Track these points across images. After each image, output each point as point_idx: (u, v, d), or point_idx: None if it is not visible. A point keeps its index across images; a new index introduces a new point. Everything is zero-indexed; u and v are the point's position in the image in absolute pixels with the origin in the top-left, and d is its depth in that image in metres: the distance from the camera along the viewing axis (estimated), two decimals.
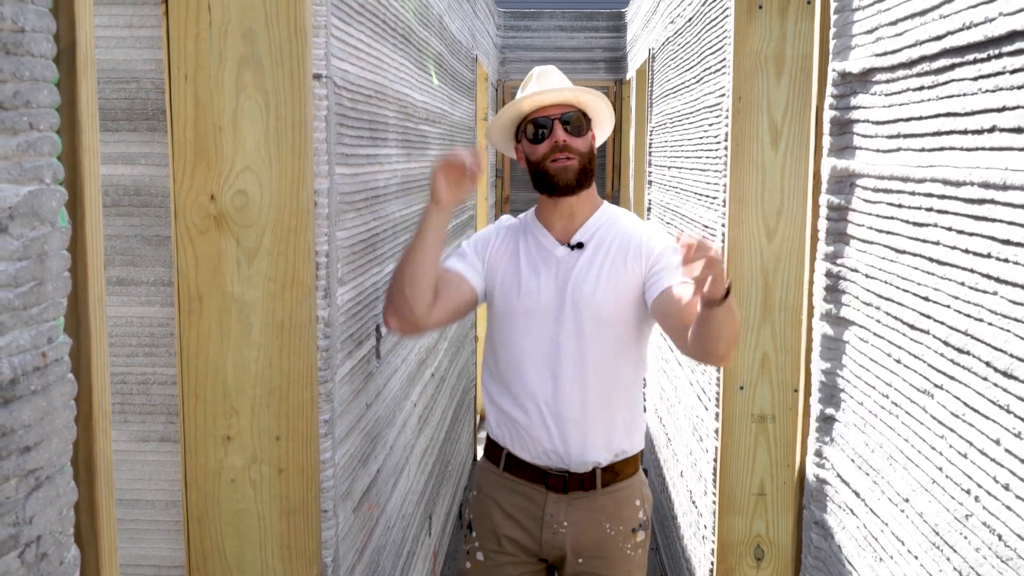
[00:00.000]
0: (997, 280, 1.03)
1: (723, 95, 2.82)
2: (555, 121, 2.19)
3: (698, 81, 3.36)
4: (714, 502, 2.87)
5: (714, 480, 2.88)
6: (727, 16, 2.74)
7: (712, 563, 2.91)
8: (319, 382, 1.82)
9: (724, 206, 2.74)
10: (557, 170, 2.19)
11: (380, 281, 2.46)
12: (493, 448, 2.32)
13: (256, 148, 1.73)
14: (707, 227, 3.10)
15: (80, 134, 0.85)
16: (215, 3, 1.70)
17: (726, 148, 2.72)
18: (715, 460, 2.86)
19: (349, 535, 2.13)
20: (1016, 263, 0.99)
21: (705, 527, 3.09)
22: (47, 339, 0.80)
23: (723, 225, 2.76)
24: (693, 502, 3.40)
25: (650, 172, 5.03)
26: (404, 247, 2.22)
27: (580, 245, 2.22)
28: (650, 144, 5.04)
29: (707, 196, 3.12)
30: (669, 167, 4.22)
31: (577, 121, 2.21)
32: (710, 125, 3.09)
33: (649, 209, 5.05)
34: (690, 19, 3.55)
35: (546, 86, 2.24)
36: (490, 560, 2.28)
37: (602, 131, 2.35)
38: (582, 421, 2.19)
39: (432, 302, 2.14)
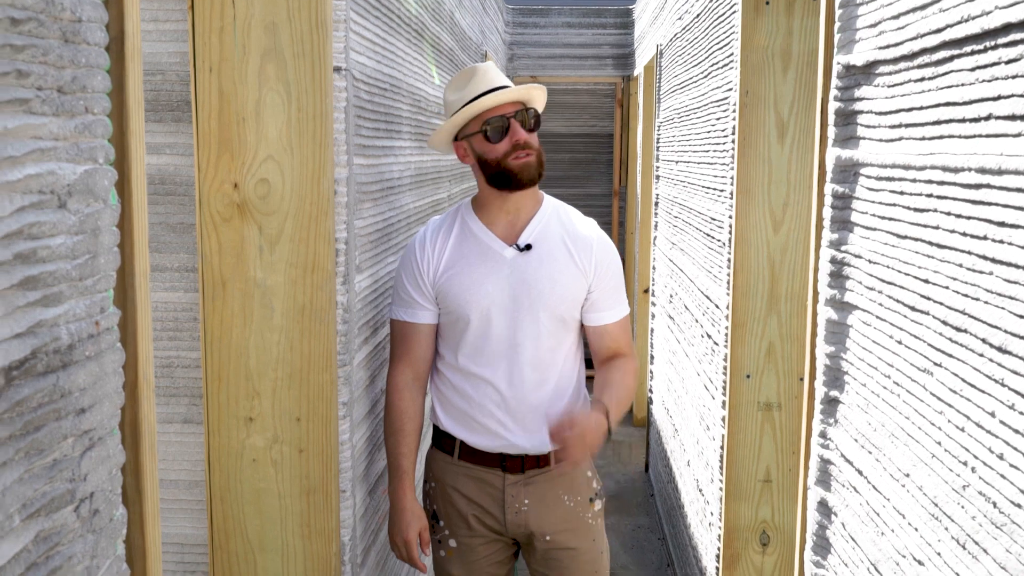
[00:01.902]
0: (993, 260, 1.09)
1: (730, 90, 2.88)
2: (511, 119, 2.21)
3: (705, 76, 3.41)
4: (721, 489, 2.93)
5: (721, 467, 2.93)
6: (735, 12, 2.79)
7: (719, 548, 2.97)
8: (338, 365, 1.88)
9: (731, 199, 2.79)
10: (520, 167, 2.20)
11: (395, 270, 2.51)
12: (444, 438, 2.36)
13: (278, 138, 1.79)
14: (714, 219, 3.15)
15: (128, 118, 0.91)
16: None
17: (733, 142, 2.77)
18: (722, 448, 2.91)
19: (365, 517, 2.19)
20: (1011, 244, 1.04)
21: (712, 514, 3.14)
22: (100, 309, 0.85)
23: (730, 217, 2.81)
24: (700, 490, 3.46)
25: (658, 167, 5.08)
26: (388, 450, 2.32)
27: (528, 246, 2.25)
28: (658, 139, 5.09)
29: (714, 189, 3.17)
30: (677, 162, 4.27)
31: (532, 118, 2.25)
32: (717, 119, 3.15)
33: (657, 203, 5.10)
34: (698, 15, 3.60)
35: (492, 83, 2.24)
36: (464, 544, 2.34)
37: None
38: (540, 417, 2.26)
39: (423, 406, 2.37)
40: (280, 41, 1.77)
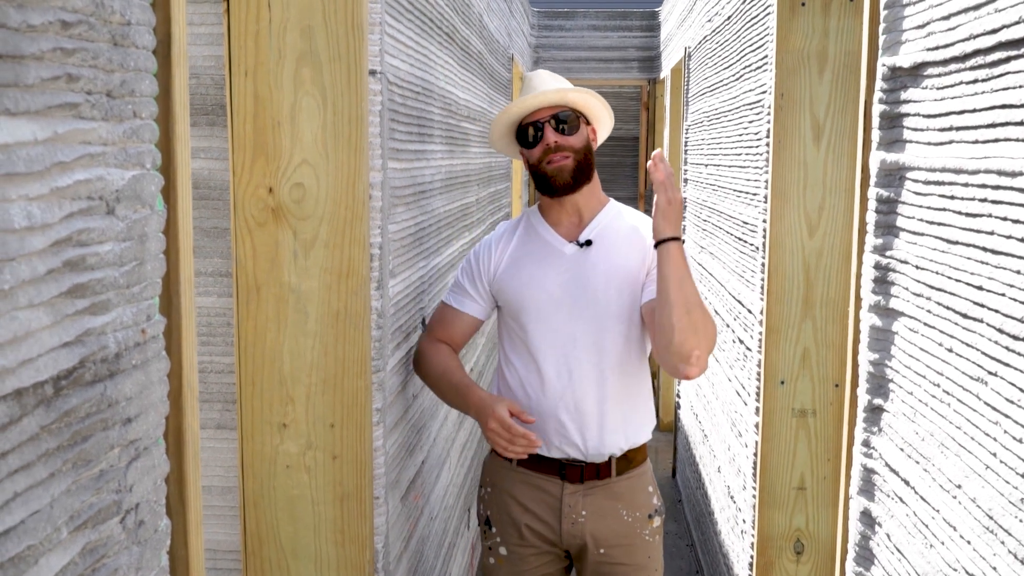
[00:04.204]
0: None
1: (764, 92, 2.84)
2: (546, 124, 2.21)
3: (737, 79, 3.38)
4: (754, 496, 2.89)
5: (754, 475, 2.89)
6: (768, 14, 2.76)
7: (752, 557, 2.93)
8: (372, 371, 1.86)
9: (765, 202, 2.76)
10: (553, 171, 2.21)
11: (426, 275, 2.50)
12: None
13: (313, 142, 1.78)
14: (747, 223, 3.12)
15: (174, 123, 0.89)
16: (275, 1, 1.75)
17: (768, 145, 2.74)
18: (755, 455, 2.88)
19: (397, 523, 2.18)
20: None
21: (744, 521, 3.11)
22: (146, 317, 0.84)
23: (764, 221, 2.77)
24: (731, 497, 3.42)
25: (685, 170, 5.04)
26: (447, 386, 2.26)
27: (589, 243, 2.24)
28: (686, 142, 5.05)
29: (747, 193, 3.14)
30: (706, 165, 4.23)
31: (570, 120, 2.22)
32: (750, 122, 3.11)
33: (684, 207, 5.07)
34: (729, 17, 3.57)
35: (537, 89, 2.25)
36: (514, 553, 2.30)
37: (602, 127, 2.35)
38: (599, 414, 2.23)
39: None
40: (316, 45, 1.76)
